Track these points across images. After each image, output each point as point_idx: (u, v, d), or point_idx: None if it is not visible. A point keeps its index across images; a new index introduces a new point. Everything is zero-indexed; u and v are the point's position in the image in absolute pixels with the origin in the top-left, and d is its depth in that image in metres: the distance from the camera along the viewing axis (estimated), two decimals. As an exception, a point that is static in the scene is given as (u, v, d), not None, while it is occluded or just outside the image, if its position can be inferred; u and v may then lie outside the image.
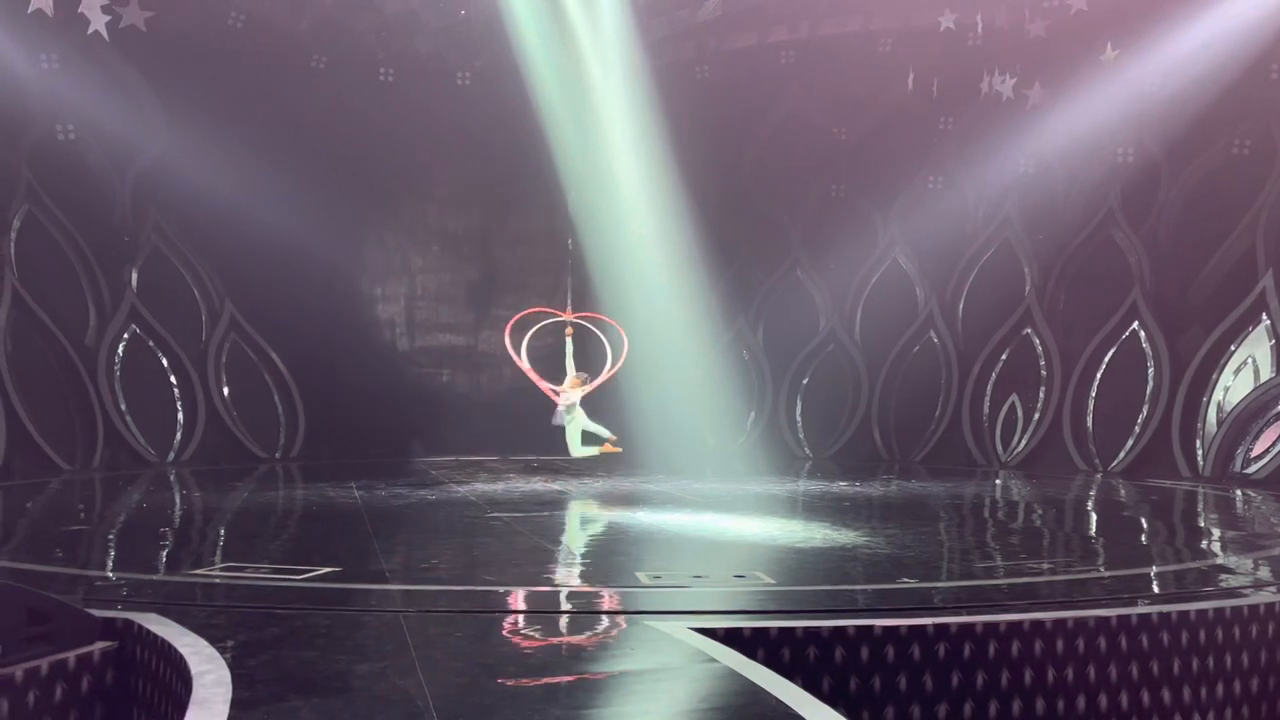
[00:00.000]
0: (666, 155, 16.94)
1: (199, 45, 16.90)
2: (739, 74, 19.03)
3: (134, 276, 16.96)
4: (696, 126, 17.98)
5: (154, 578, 7.51)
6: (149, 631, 5.31)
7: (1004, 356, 17.92)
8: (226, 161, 16.71)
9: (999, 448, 17.68)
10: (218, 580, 7.28)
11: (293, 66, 17.88)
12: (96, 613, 5.56)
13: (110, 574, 7.94)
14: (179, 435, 16.87)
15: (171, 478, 15.23)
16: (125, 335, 16.61)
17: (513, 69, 17.24)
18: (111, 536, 10.07)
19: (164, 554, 8.84)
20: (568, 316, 15.62)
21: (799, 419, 19.77)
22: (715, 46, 19.10)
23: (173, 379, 17.04)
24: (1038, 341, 17.56)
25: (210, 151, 16.66)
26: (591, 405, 15.68)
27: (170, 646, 5.05)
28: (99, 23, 15.05)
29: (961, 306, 18.80)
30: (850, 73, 18.60)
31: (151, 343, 16.91)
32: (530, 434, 20.31)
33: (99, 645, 5.34)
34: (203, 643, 5.07)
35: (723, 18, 18.63)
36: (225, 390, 17.66)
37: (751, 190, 20.13)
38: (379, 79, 18.74)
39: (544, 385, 15.40)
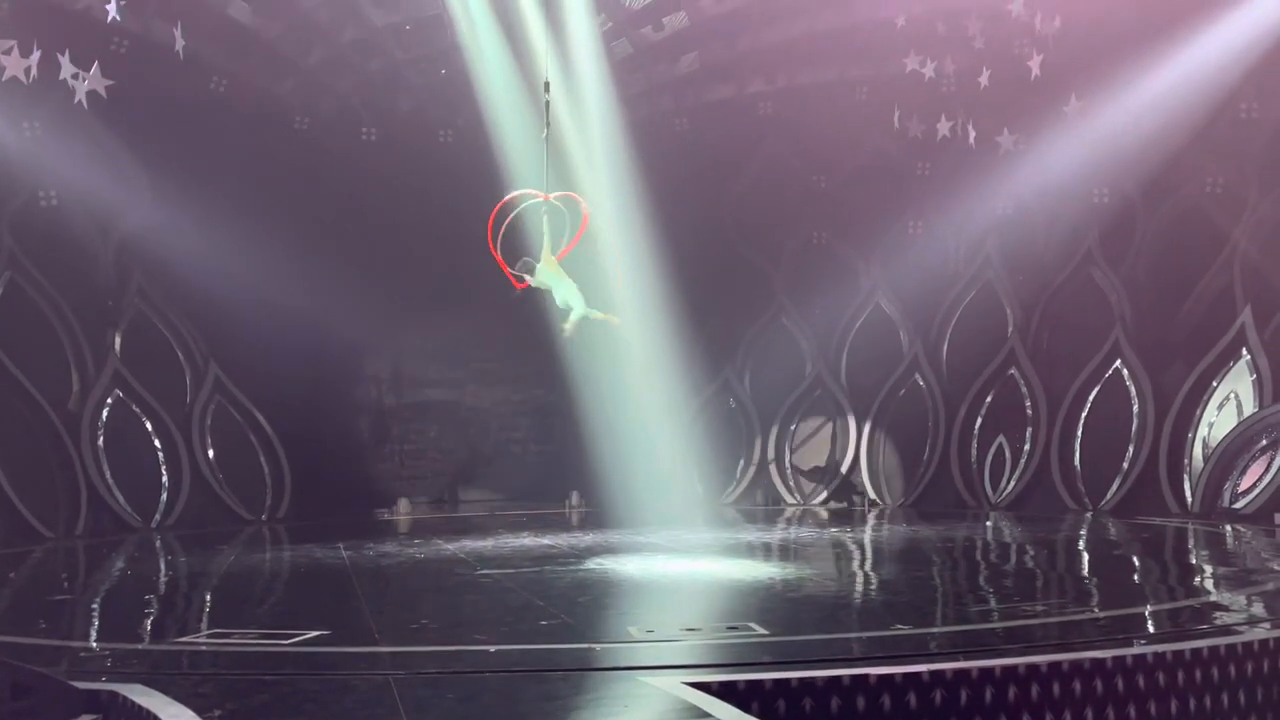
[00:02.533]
0: (647, 207, 17.03)
1: (181, 109, 16.95)
2: (717, 125, 19.21)
3: (117, 340, 16.89)
4: (676, 178, 18.12)
5: (139, 647, 7.40)
6: (134, 703, 5.22)
7: (989, 398, 18.00)
8: (210, 224, 16.71)
9: (988, 489, 17.67)
10: (204, 648, 7.18)
11: (276, 127, 17.97)
12: (80, 685, 5.48)
13: (94, 644, 7.83)
14: (164, 499, 16.69)
15: (156, 543, 15.05)
16: (109, 400, 16.50)
17: (494, 126, 17.35)
18: (95, 605, 9.93)
19: (149, 622, 8.73)
20: (544, 198, 14.69)
21: (788, 465, 19.75)
22: (693, 98, 19.29)
23: (157, 442, 16.90)
24: (1022, 382, 17.64)
25: (193, 214, 16.68)
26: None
27: (156, 719, 4.96)
28: (81, 93, 15.11)
29: (945, 349, 18.90)
30: (828, 121, 18.81)
31: (135, 406, 16.79)
32: (519, 488, 20.30)
33: (83, 719, 5.24)
34: (189, 713, 4.99)
35: (700, 70, 18.84)
36: (210, 452, 17.52)
37: (733, 239, 20.26)
38: (362, 138, 18.86)
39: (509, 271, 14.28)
